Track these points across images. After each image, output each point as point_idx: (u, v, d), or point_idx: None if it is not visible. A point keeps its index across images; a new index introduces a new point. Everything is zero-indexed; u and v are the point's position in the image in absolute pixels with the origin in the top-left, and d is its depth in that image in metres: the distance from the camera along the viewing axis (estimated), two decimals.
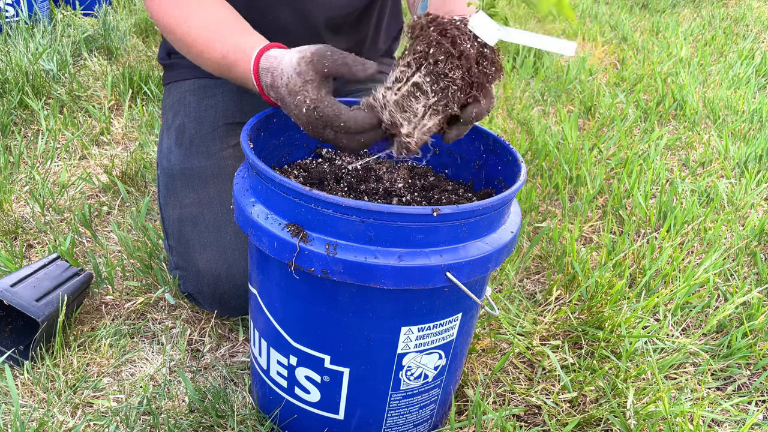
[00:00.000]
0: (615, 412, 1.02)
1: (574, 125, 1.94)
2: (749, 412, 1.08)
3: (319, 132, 0.76)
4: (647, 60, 2.73)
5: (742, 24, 3.50)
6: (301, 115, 0.76)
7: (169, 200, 1.16)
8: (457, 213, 0.70)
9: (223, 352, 1.12)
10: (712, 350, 1.21)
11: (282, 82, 0.78)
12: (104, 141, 1.78)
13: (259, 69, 0.83)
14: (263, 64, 0.82)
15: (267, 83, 0.82)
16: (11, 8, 2.41)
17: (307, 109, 0.74)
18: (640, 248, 1.44)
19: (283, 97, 0.78)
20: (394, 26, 1.39)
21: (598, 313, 1.22)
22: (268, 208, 0.75)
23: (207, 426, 0.96)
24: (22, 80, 1.92)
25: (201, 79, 1.27)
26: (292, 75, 0.76)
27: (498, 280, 1.33)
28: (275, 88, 0.80)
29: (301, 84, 0.75)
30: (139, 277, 1.26)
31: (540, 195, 1.65)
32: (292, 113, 0.78)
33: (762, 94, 2.46)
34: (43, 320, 1.01)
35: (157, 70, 2.20)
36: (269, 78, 0.81)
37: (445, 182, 0.97)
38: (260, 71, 0.83)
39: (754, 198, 1.70)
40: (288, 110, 0.79)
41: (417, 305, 0.77)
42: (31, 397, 0.99)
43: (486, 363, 1.13)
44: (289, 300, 0.80)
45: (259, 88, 0.84)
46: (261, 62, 0.83)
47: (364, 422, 0.88)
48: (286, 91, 0.77)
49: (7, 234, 1.35)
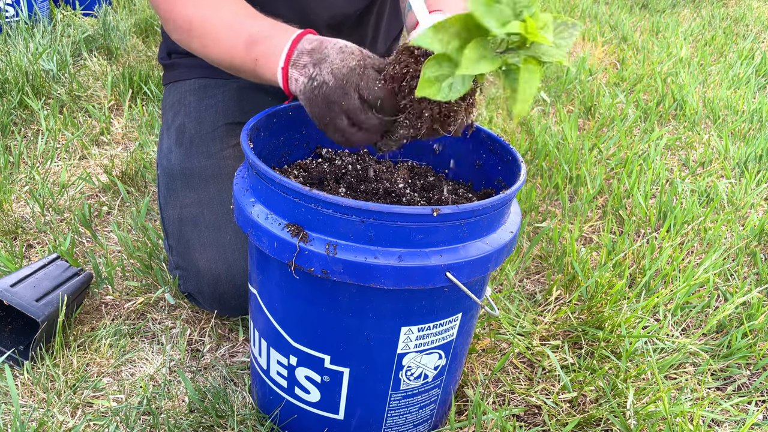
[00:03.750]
0: (615, 412, 1.02)
1: (574, 125, 1.94)
2: (749, 412, 1.08)
3: (346, 93, 0.74)
4: (647, 60, 2.73)
5: (742, 24, 3.50)
6: (342, 67, 0.75)
7: (169, 200, 1.16)
8: (457, 213, 0.70)
9: (223, 352, 1.12)
10: (712, 350, 1.21)
11: (337, 46, 0.77)
12: (104, 141, 1.78)
13: (303, 38, 0.82)
14: (309, 36, 0.82)
15: (305, 49, 0.80)
16: (11, 8, 2.41)
17: (356, 63, 0.74)
18: (640, 248, 1.44)
19: (327, 55, 0.77)
20: (394, 27, 1.39)
21: (598, 313, 1.22)
22: (268, 208, 0.75)
23: (207, 426, 0.96)
24: (22, 80, 1.92)
25: (201, 79, 1.27)
26: (353, 46, 0.77)
27: (498, 280, 1.33)
28: (319, 50, 0.79)
29: (359, 51, 0.76)
30: (139, 277, 1.26)
31: (540, 195, 1.65)
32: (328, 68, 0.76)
33: (762, 94, 2.46)
34: (43, 320, 1.01)
35: (157, 70, 2.20)
36: (314, 44, 0.80)
37: (445, 182, 0.97)
38: (302, 40, 0.82)
39: (754, 198, 1.70)
40: (322, 68, 0.77)
41: (417, 305, 0.77)
42: (31, 397, 0.99)
43: (486, 363, 1.13)
44: (289, 300, 0.80)
45: (288, 53, 0.82)
46: (307, 36, 0.83)
47: (364, 422, 0.88)
48: (338, 50, 0.77)
49: (7, 234, 1.35)
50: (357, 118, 0.75)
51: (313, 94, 0.77)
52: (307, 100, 0.78)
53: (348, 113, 0.75)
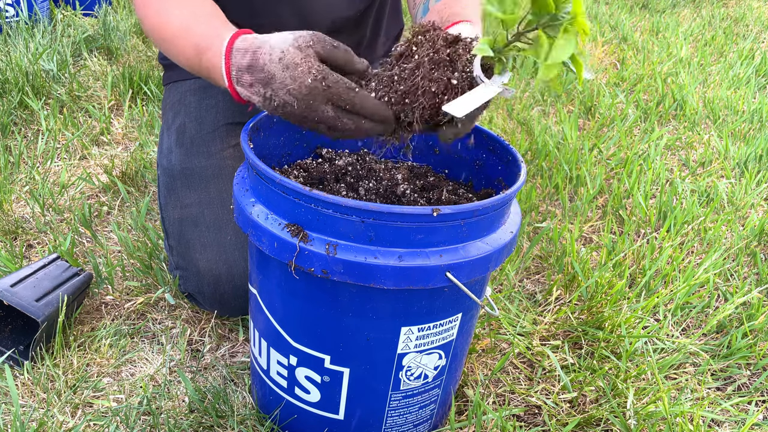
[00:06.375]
0: (615, 412, 1.02)
1: (574, 125, 1.94)
2: (749, 412, 1.08)
3: (316, 110, 0.70)
4: (647, 60, 2.73)
5: (742, 24, 3.50)
6: (301, 88, 0.69)
7: (169, 200, 1.16)
8: (457, 213, 0.70)
9: (223, 352, 1.12)
10: (712, 350, 1.21)
11: (274, 57, 0.71)
12: (104, 141, 1.78)
13: (233, 50, 0.75)
14: (239, 44, 0.75)
15: (242, 65, 0.74)
16: (11, 8, 2.41)
17: (313, 79, 0.68)
18: (640, 248, 1.44)
19: (272, 75, 0.71)
20: (394, 27, 1.39)
21: (598, 313, 1.22)
22: (268, 208, 0.75)
23: (207, 426, 0.96)
24: (22, 80, 1.92)
25: (201, 79, 1.27)
26: (289, 49, 0.70)
27: (498, 280, 1.33)
28: (257, 67, 0.72)
29: (303, 57, 0.69)
30: (139, 277, 1.26)
31: (540, 195, 1.65)
32: (283, 90, 0.70)
33: (762, 94, 2.46)
34: (43, 320, 1.01)
35: (157, 70, 2.20)
36: (247, 58, 0.73)
37: (445, 182, 0.97)
38: (233, 52, 0.75)
39: (754, 198, 1.70)
40: (275, 89, 0.71)
41: (417, 305, 0.77)
42: (31, 397, 0.99)
43: (486, 363, 1.13)
44: (289, 300, 0.80)
45: (227, 71, 0.76)
46: (236, 43, 0.76)
47: (364, 422, 0.88)
48: (280, 65, 0.70)
49: (7, 234, 1.35)
50: (334, 126, 0.72)
51: (277, 112, 0.73)
52: (276, 115, 0.75)
53: (325, 122, 0.72)
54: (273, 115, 0.90)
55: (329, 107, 0.70)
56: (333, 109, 0.71)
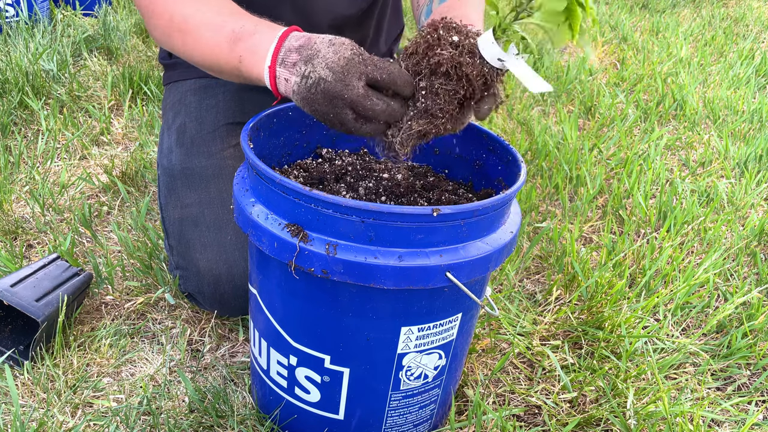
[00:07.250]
0: (615, 412, 1.02)
1: (574, 125, 1.94)
2: (749, 412, 1.08)
3: (348, 84, 0.72)
4: (647, 60, 2.73)
5: (742, 24, 3.50)
6: (340, 59, 0.73)
7: (169, 200, 1.16)
8: (457, 213, 0.70)
9: (223, 352, 1.12)
10: (712, 350, 1.21)
11: (325, 39, 0.75)
12: (104, 141, 1.78)
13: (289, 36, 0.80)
14: (295, 34, 0.80)
15: (293, 46, 0.78)
16: (11, 8, 2.41)
17: (352, 52, 0.73)
18: (640, 248, 1.44)
19: (317, 50, 0.75)
20: (395, 27, 1.39)
21: (598, 313, 1.22)
22: (268, 208, 0.75)
23: (207, 426, 0.96)
24: (22, 80, 1.92)
25: (202, 78, 1.27)
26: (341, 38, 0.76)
27: (498, 280, 1.33)
28: (308, 46, 0.76)
29: (350, 42, 0.75)
30: (139, 277, 1.26)
31: (540, 195, 1.65)
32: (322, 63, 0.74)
33: (762, 94, 2.46)
34: (43, 320, 1.01)
35: (157, 70, 2.20)
36: (301, 41, 0.77)
37: (445, 182, 0.97)
38: (288, 38, 0.79)
39: (754, 198, 1.70)
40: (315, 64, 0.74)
41: (417, 305, 0.77)
42: (31, 397, 0.99)
43: (486, 363, 1.13)
44: (289, 300, 0.80)
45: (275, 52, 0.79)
46: (293, 33, 0.80)
47: (364, 422, 0.88)
48: (327, 43, 0.75)
49: (7, 234, 1.35)
50: (363, 106, 0.73)
51: (309, 93, 0.75)
52: (304, 100, 0.76)
53: (353, 104, 0.73)
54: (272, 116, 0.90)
55: (361, 84, 0.73)
56: (364, 88, 0.73)
